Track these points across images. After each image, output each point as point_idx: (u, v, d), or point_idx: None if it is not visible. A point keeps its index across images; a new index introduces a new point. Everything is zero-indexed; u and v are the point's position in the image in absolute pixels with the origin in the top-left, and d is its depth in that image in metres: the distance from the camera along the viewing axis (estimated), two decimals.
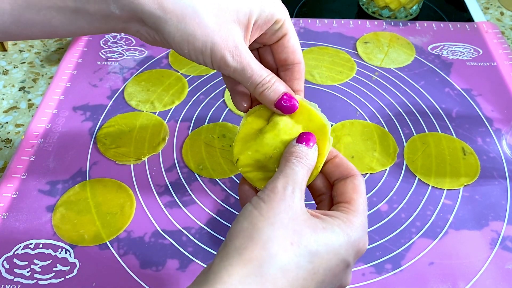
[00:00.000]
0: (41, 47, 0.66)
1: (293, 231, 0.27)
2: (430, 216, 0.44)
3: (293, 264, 0.26)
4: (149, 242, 0.42)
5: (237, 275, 0.25)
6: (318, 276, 0.27)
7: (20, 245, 0.41)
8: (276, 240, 0.26)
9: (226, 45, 0.30)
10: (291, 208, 0.27)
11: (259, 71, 0.31)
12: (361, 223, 0.29)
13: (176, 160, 0.48)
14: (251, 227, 0.27)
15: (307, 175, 0.30)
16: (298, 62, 0.34)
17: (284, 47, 0.33)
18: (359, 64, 0.60)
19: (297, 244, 0.26)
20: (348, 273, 0.29)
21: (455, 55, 0.61)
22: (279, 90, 0.32)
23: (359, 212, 0.30)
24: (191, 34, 0.30)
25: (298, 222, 0.27)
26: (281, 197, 0.28)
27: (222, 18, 0.30)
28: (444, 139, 0.51)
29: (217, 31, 0.30)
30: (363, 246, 0.29)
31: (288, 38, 0.33)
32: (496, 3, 0.76)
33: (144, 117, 0.52)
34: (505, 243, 0.42)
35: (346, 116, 0.53)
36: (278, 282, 0.25)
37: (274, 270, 0.25)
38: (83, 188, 0.45)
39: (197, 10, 0.29)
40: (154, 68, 0.58)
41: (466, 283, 0.39)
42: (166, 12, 0.29)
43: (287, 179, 0.29)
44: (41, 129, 0.51)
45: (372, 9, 0.69)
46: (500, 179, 0.47)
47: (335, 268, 0.28)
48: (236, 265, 0.25)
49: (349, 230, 0.28)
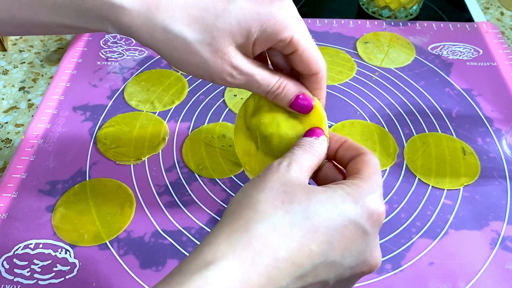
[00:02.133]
0: (41, 47, 0.66)
1: (285, 192, 0.25)
2: (430, 216, 0.44)
3: (285, 221, 0.24)
4: (149, 242, 0.42)
5: (223, 234, 0.24)
6: (320, 235, 0.25)
7: (20, 245, 0.41)
8: (265, 200, 0.25)
9: (223, 70, 0.29)
10: (284, 177, 0.26)
11: (265, 81, 0.31)
12: (370, 188, 0.27)
13: (176, 160, 0.48)
14: (242, 195, 0.26)
15: (312, 160, 0.29)
16: (315, 73, 0.32)
17: (296, 61, 0.31)
18: (359, 64, 0.60)
19: (289, 201, 0.25)
20: (371, 244, 0.27)
21: (455, 55, 0.61)
22: (291, 93, 0.31)
23: (368, 180, 0.28)
24: (186, 62, 0.30)
25: (291, 185, 0.26)
26: (275, 170, 0.27)
27: (216, 45, 0.29)
28: (444, 139, 0.51)
29: (210, 58, 0.29)
30: (375, 209, 0.26)
31: (300, 53, 0.30)
32: (496, 3, 0.76)
33: (144, 117, 0.52)
34: (505, 243, 0.42)
35: (346, 116, 0.53)
36: (267, 237, 0.24)
37: (263, 226, 0.24)
38: (83, 188, 0.45)
39: (188, 41, 0.29)
40: (154, 68, 0.58)
41: (466, 283, 0.39)
42: (158, 41, 0.29)
43: (284, 157, 0.28)
44: (41, 129, 0.51)
45: (372, 9, 0.69)
46: (500, 179, 0.47)
47: (344, 231, 0.25)
48: (223, 226, 0.25)
49: (354, 192, 0.26)
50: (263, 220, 0.24)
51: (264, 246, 0.23)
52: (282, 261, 0.23)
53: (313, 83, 0.32)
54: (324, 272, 0.25)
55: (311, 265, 0.24)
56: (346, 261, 0.26)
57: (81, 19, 0.30)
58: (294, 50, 0.30)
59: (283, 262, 0.23)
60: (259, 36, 0.29)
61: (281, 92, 0.31)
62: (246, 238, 0.24)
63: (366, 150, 0.30)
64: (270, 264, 0.23)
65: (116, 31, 0.30)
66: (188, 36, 0.29)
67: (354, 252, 0.26)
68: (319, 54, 0.31)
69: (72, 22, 0.30)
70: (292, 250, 0.24)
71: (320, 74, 0.32)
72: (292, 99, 0.31)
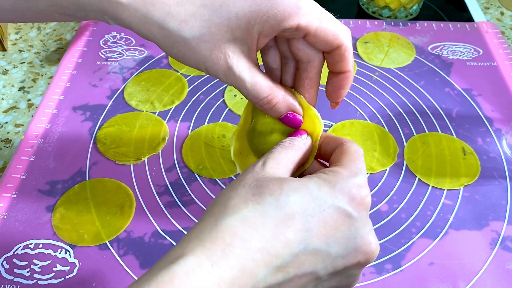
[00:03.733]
0: (40, 47, 0.66)
1: (256, 186, 0.25)
2: (430, 216, 0.44)
3: (257, 213, 0.24)
4: (149, 242, 0.42)
5: (194, 232, 0.24)
6: (296, 222, 0.24)
7: (19, 245, 0.41)
8: (237, 196, 0.25)
9: (219, 68, 0.29)
10: (258, 174, 0.26)
11: (254, 92, 0.29)
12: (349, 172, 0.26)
13: (176, 160, 0.48)
14: (217, 197, 0.26)
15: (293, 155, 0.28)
16: (337, 47, 0.29)
17: (311, 42, 0.29)
18: (359, 64, 0.60)
19: (259, 193, 0.24)
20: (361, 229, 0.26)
21: (455, 55, 0.61)
22: (280, 112, 0.31)
23: (347, 166, 0.27)
24: (184, 57, 0.29)
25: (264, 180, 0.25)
26: (250, 169, 0.27)
27: (213, 42, 0.28)
28: (444, 139, 0.51)
29: (208, 55, 0.28)
30: (357, 191, 0.26)
31: (314, 34, 0.28)
32: (496, 3, 0.76)
33: (144, 117, 0.52)
34: (505, 243, 0.42)
35: (346, 116, 0.53)
36: (237, 229, 0.23)
37: (232, 221, 0.23)
38: (83, 188, 0.45)
39: (185, 39, 0.28)
40: (154, 68, 0.58)
41: (466, 283, 0.39)
42: (156, 37, 0.29)
43: (261, 158, 0.28)
44: (40, 129, 0.50)
45: (372, 9, 0.69)
46: (500, 179, 0.47)
47: (324, 215, 0.25)
48: (196, 226, 0.25)
49: (331, 178, 0.26)
50: (233, 214, 0.24)
51: (234, 237, 0.23)
52: (256, 251, 0.23)
53: (337, 57, 0.30)
54: (308, 262, 0.24)
55: (289, 254, 0.24)
56: (333, 249, 0.25)
57: (81, 12, 0.30)
58: (306, 33, 0.28)
59: (257, 252, 0.23)
60: (262, 28, 0.28)
61: (271, 107, 0.30)
62: (215, 232, 0.23)
63: (345, 140, 0.30)
64: (242, 255, 0.23)
65: (117, 24, 0.30)
66: (185, 34, 0.28)
67: (340, 239, 0.25)
68: (337, 27, 0.29)
69: (73, 13, 0.30)
70: (266, 240, 0.23)
71: (343, 46, 0.29)
72: (282, 114, 0.31)
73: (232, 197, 0.25)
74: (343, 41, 0.29)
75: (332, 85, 0.32)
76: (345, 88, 0.32)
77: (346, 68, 0.31)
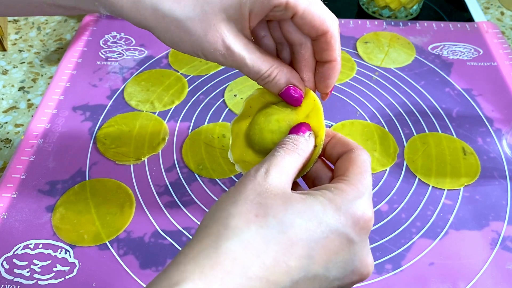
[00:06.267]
0: (40, 47, 0.66)
1: (259, 204, 0.24)
2: (431, 216, 0.44)
3: (259, 237, 0.23)
4: (149, 242, 0.42)
5: (191, 253, 0.22)
6: (299, 249, 0.23)
7: (19, 245, 0.41)
8: (238, 215, 0.23)
9: (216, 49, 0.28)
10: (260, 185, 0.24)
11: (256, 67, 0.29)
12: (356, 192, 0.25)
13: (176, 160, 0.48)
14: (215, 208, 0.25)
15: (296, 160, 0.27)
16: (322, 34, 0.29)
17: (299, 25, 0.29)
18: (359, 64, 0.60)
19: (263, 215, 0.23)
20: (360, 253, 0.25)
21: (456, 55, 0.61)
22: (281, 83, 0.30)
23: (353, 182, 0.26)
24: (179, 41, 0.29)
25: (267, 196, 0.24)
26: (251, 179, 0.25)
27: (208, 21, 0.28)
28: (444, 139, 0.51)
29: (203, 36, 0.28)
30: (362, 215, 0.25)
31: (301, 15, 0.28)
32: (497, 3, 0.76)
33: (144, 117, 0.52)
34: (505, 243, 0.42)
35: (346, 116, 0.53)
36: (238, 255, 0.22)
37: (233, 243, 0.22)
38: (83, 188, 0.45)
39: (179, 19, 0.28)
40: (154, 68, 0.58)
41: (467, 283, 0.39)
42: (149, 22, 0.29)
43: (263, 163, 0.26)
44: (40, 129, 0.50)
45: (372, 9, 0.69)
46: (501, 179, 0.47)
47: (326, 241, 0.24)
48: (193, 244, 0.23)
49: (337, 198, 0.25)
50: (234, 237, 0.22)
51: (234, 264, 0.22)
52: (256, 280, 0.22)
53: (323, 45, 0.30)
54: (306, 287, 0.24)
55: (289, 282, 0.23)
56: (332, 273, 0.24)
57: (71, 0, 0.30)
58: (294, 13, 0.28)
59: (257, 281, 0.22)
60: (253, 6, 0.27)
61: (271, 81, 0.30)
62: (214, 257, 0.22)
63: (355, 146, 0.29)
64: (241, 284, 0.22)
65: (108, 12, 0.29)
66: (178, 14, 0.28)
67: (339, 263, 0.24)
68: (325, 12, 0.29)
69: (64, 2, 0.30)
70: (267, 268, 0.22)
71: (329, 33, 0.29)
72: (281, 89, 0.30)
73: (232, 215, 0.23)
74: (329, 28, 0.29)
75: (319, 75, 0.32)
76: (331, 78, 0.31)
77: (332, 57, 0.30)
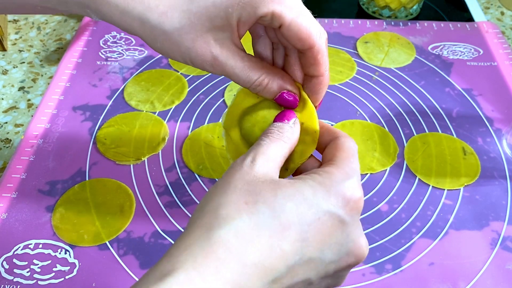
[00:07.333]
0: (40, 47, 0.66)
1: (248, 192, 0.24)
2: (431, 216, 0.44)
3: (251, 224, 0.23)
4: (149, 242, 0.42)
5: (183, 244, 0.22)
6: (292, 232, 0.23)
7: (19, 245, 0.41)
8: (228, 204, 0.23)
9: (204, 59, 0.28)
10: (248, 174, 0.25)
11: (245, 76, 0.29)
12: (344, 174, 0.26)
13: (176, 160, 0.48)
14: (204, 200, 0.25)
15: (282, 147, 0.27)
16: (309, 48, 0.28)
17: (286, 36, 0.28)
18: (359, 64, 0.60)
19: (253, 202, 0.23)
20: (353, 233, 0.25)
21: (456, 55, 0.61)
22: (273, 91, 0.30)
23: (341, 165, 0.26)
24: (168, 50, 0.29)
25: (256, 183, 0.24)
26: (238, 168, 0.25)
27: (195, 32, 0.28)
28: (444, 139, 0.50)
29: (191, 47, 0.28)
30: (351, 195, 0.25)
31: (288, 26, 0.27)
32: (497, 3, 0.76)
33: (144, 117, 0.52)
34: (505, 243, 0.42)
35: (346, 116, 0.53)
36: (231, 243, 0.22)
37: (225, 233, 0.22)
38: (83, 188, 0.45)
39: (167, 32, 0.28)
40: (154, 68, 0.58)
41: (467, 283, 0.39)
42: (137, 31, 0.29)
43: (249, 152, 0.26)
44: (40, 129, 0.50)
45: (372, 9, 0.69)
46: (501, 179, 0.47)
47: (319, 223, 0.24)
48: (185, 236, 0.23)
49: (326, 180, 0.25)
50: (226, 225, 0.22)
51: (228, 252, 0.22)
52: (251, 266, 0.22)
53: (310, 59, 0.29)
54: (302, 272, 0.24)
55: (285, 266, 0.23)
56: (327, 256, 0.25)
57: (62, 5, 0.30)
58: (280, 23, 0.27)
59: (252, 267, 0.22)
60: (240, 15, 0.27)
61: (263, 89, 0.30)
62: (207, 246, 0.22)
63: (341, 134, 0.29)
64: (236, 271, 0.22)
65: (99, 18, 0.29)
66: (166, 26, 0.28)
67: (334, 245, 0.25)
68: (312, 25, 0.28)
69: (54, 6, 0.30)
70: (261, 253, 0.22)
71: (315, 48, 0.28)
72: (276, 95, 0.30)
73: (222, 205, 0.23)
74: (315, 42, 0.28)
75: (307, 89, 0.31)
76: (319, 93, 0.31)
77: (319, 72, 0.30)
